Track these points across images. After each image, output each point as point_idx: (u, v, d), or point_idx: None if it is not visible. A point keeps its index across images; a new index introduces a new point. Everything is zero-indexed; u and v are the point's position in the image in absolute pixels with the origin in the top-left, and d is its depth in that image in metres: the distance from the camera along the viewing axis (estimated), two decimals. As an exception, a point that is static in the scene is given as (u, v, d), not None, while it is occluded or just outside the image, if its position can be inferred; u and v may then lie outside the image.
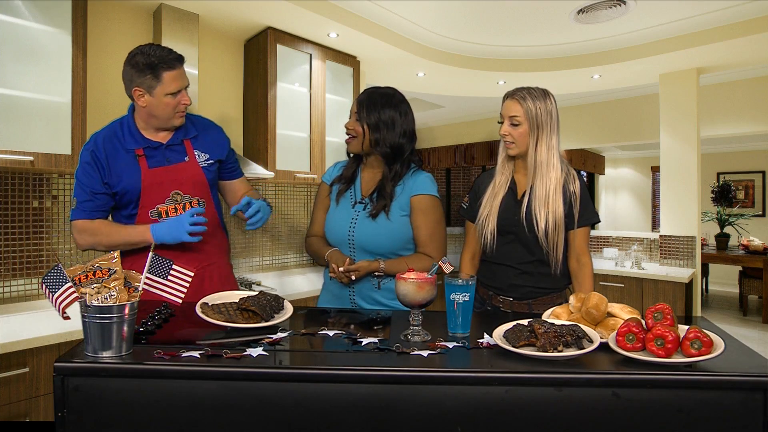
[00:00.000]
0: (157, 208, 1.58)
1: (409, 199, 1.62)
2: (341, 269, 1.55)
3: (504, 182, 1.67)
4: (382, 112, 1.61)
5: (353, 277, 1.55)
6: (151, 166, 1.59)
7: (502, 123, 1.62)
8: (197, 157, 1.66)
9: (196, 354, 0.98)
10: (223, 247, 1.76)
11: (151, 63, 1.50)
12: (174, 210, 1.60)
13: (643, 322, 1.01)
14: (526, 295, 1.63)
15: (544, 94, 1.60)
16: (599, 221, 1.73)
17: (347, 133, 1.67)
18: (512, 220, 1.62)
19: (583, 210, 1.61)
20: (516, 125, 1.58)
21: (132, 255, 1.54)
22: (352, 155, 1.75)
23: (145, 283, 1.11)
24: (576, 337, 1.00)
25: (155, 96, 1.53)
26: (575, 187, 1.61)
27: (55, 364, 0.94)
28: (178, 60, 1.55)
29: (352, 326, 1.28)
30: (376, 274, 1.60)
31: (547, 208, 1.56)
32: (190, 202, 1.63)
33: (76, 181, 1.57)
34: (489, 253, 1.68)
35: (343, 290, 1.65)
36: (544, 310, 1.58)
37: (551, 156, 1.58)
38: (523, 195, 1.63)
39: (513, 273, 1.64)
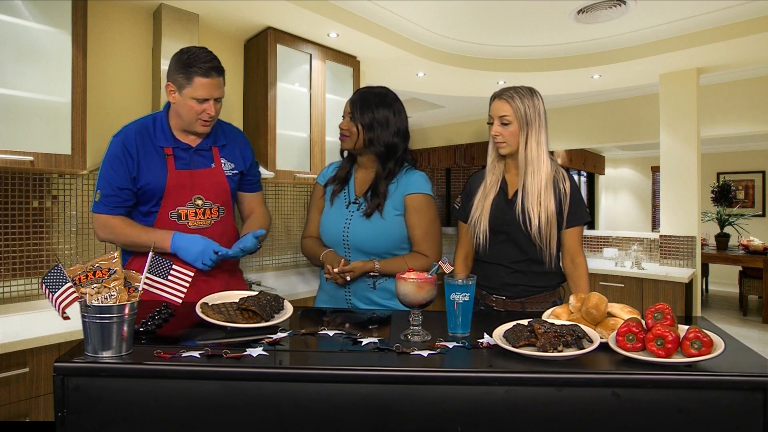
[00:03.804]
0: (178, 210, 1.59)
1: (403, 198, 1.62)
2: (336, 270, 1.55)
3: (495, 182, 1.67)
4: (376, 111, 1.62)
5: (348, 278, 1.55)
6: (178, 167, 1.59)
7: (491, 124, 1.63)
8: (223, 165, 1.68)
9: (196, 354, 0.98)
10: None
11: (188, 63, 1.51)
12: (194, 214, 1.61)
13: (643, 322, 1.01)
14: (519, 293, 1.63)
15: (531, 92, 1.61)
16: (590, 220, 1.74)
17: (341, 134, 1.67)
18: (504, 220, 1.62)
19: (574, 209, 1.62)
20: (506, 124, 1.59)
21: (142, 256, 1.54)
22: (346, 156, 1.75)
23: (145, 283, 1.11)
24: (576, 337, 1.00)
25: (183, 96, 1.54)
26: (566, 186, 1.62)
27: (55, 364, 0.94)
28: (214, 70, 1.54)
29: (351, 326, 1.28)
30: (372, 274, 1.60)
31: (540, 204, 1.57)
32: (211, 209, 1.64)
33: (101, 172, 1.57)
34: (482, 253, 1.68)
35: (339, 291, 1.66)
36: (537, 309, 1.60)
37: (541, 152, 1.59)
38: (515, 194, 1.63)
39: (506, 272, 1.64)
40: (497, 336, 1.08)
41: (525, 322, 1.10)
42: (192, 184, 1.60)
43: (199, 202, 1.61)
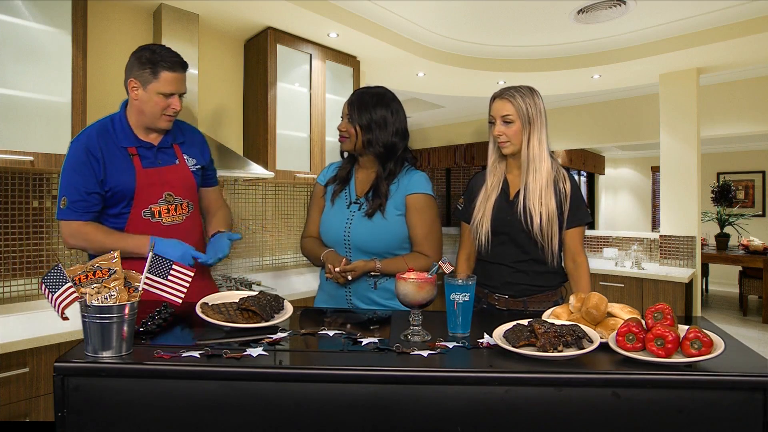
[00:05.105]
0: (151, 207, 1.60)
1: (404, 198, 1.62)
2: (337, 269, 1.54)
3: (496, 183, 1.68)
4: (373, 112, 1.61)
5: (350, 278, 1.55)
6: (145, 166, 1.60)
7: (493, 124, 1.64)
8: (187, 161, 1.70)
9: (196, 354, 0.98)
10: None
11: (153, 59, 1.53)
12: (167, 211, 1.62)
13: (643, 322, 1.01)
14: (521, 292, 1.64)
15: (531, 90, 1.62)
16: (591, 221, 1.74)
17: (340, 135, 1.67)
18: (505, 221, 1.63)
19: (575, 210, 1.62)
20: (509, 123, 1.60)
21: (128, 260, 1.53)
22: (346, 156, 1.75)
23: (145, 283, 1.11)
24: (576, 337, 1.00)
25: (148, 91, 1.54)
26: (566, 186, 1.62)
27: (55, 364, 0.94)
28: (180, 65, 1.57)
29: (352, 326, 1.28)
30: (373, 273, 1.60)
31: (541, 202, 1.58)
32: (181, 204, 1.65)
33: (64, 178, 1.54)
34: (484, 253, 1.69)
35: (340, 290, 1.65)
36: (540, 308, 1.60)
37: (542, 150, 1.60)
38: (516, 194, 1.64)
39: (508, 271, 1.65)
40: (497, 336, 1.08)
41: (525, 322, 1.10)
42: (161, 181, 1.61)
43: (170, 198, 1.62)
